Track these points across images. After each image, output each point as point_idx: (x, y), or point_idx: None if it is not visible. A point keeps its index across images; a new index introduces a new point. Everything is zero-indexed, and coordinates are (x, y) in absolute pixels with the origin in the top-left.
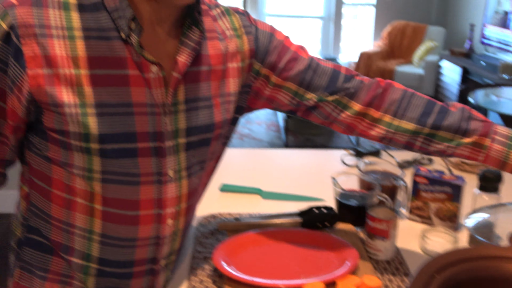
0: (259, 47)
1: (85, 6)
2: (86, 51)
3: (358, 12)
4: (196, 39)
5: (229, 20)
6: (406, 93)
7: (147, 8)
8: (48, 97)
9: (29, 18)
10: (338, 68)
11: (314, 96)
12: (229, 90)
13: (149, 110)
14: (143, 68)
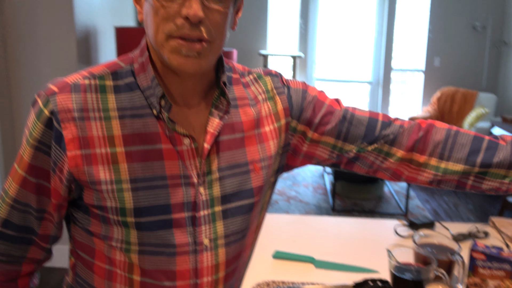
0: (293, 105)
1: (120, 87)
2: (121, 130)
3: (406, 77)
4: (224, 108)
5: (261, 84)
6: (450, 132)
7: (175, 83)
8: (87, 176)
9: (68, 104)
10: (375, 116)
11: (353, 147)
12: (268, 153)
13: (183, 181)
14: (176, 141)
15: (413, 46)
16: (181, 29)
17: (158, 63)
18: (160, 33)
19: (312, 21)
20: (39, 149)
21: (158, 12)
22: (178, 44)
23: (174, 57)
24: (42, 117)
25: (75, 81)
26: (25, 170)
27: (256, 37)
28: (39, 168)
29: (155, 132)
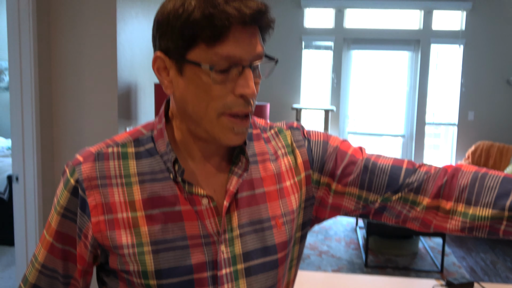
0: (314, 158)
1: (141, 153)
2: (141, 195)
3: (439, 131)
4: (243, 166)
5: (281, 139)
6: (477, 175)
7: (199, 147)
8: (110, 241)
9: (92, 172)
10: (399, 163)
11: (378, 197)
12: (289, 208)
13: (204, 241)
14: (194, 202)
15: (446, 100)
16: (235, 106)
17: (183, 130)
18: (210, 111)
19: (344, 75)
20: (65, 216)
21: (208, 91)
22: (230, 122)
23: (225, 135)
24: (69, 186)
25: (99, 150)
26: (53, 236)
27: (289, 91)
28: (66, 234)
29: (173, 195)
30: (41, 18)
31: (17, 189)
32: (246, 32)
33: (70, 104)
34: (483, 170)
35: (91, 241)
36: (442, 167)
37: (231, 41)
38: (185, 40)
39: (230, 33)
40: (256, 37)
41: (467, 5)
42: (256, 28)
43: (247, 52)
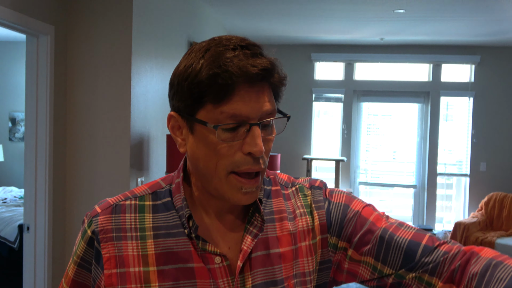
0: (332, 221)
1: (158, 207)
2: (154, 249)
3: (452, 182)
4: (258, 225)
5: (301, 198)
6: (491, 262)
7: (212, 204)
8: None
9: (108, 225)
10: (419, 238)
11: (392, 271)
12: (301, 270)
13: None
14: (207, 259)
15: (457, 150)
16: (243, 164)
17: (199, 186)
18: (220, 170)
19: (355, 126)
20: (81, 266)
21: (216, 149)
22: (239, 182)
23: (234, 194)
24: (85, 237)
25: (117, 201)
26: (69, 285)
27: (300, 142)
28: (81, 283)
29: (187, 251)
30: (58, 71)
31: (28, 239)
32: (252, 91)
33: (83, 155)
34: (500, 257)
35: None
36: (460, 249)
37: (237, 99)
38: (193, 99)
39: (235, 92)
40: (265, 94)
41: (476, 59)
42: (265, 85)
43: (254, 109)
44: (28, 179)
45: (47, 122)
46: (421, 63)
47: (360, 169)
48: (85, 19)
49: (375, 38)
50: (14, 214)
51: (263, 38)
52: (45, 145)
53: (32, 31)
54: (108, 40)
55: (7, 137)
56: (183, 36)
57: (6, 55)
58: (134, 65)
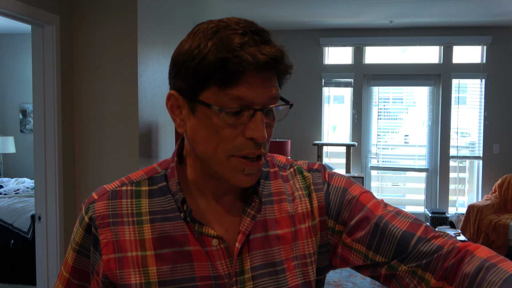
0: (330, 204)
1: (154, 192)
2: (151, 233)
3: (464, 165)
4: (256, 207)
5: (300, 179)
6: (484, 264)
7: (209, 185)
8: (118, 280)
9: (105, 210)
10: (414, 229)
11: (385, 261)
12: (301, 252)
13: (213, 282)
14: (204, 242)
15: (470, 133)
16: (245, 148)
17: (197, 169)
18: (220, 152)
19: (365, 111)
20: (80, 253)
21: (218, 132)
22: (241, 164)
23: (235, 176)
24: (83, 223)
25: (113, 188)
26: (69, 272)
27: (310, 127)
28: (81, 270)
29: (183, 234)
30: (64, 61)
31: (40, 229)
32: (260, 77)
33: (92, 145)
34: (495, 259)
35: (102, 278)
36: (456, 246)
37: (243, 85)
38: (198, 81)
39: (243, 78)
40: (271, 81)
41: (487, 39)
42: (272, 72)
43: (259, 95)
44: (38, 170)
45: (55, 112)
46: (432, 45)
47: (371, 154)
48: (90, 8)
49: (384, 21)
50: (27, 205)
51: (271, 24)
52: (54, 136)
53: (37, 21)
54: (113, 28)
55: (18, 129)
56: (189, 23)
57: (15, 48)
58: (140, 54)
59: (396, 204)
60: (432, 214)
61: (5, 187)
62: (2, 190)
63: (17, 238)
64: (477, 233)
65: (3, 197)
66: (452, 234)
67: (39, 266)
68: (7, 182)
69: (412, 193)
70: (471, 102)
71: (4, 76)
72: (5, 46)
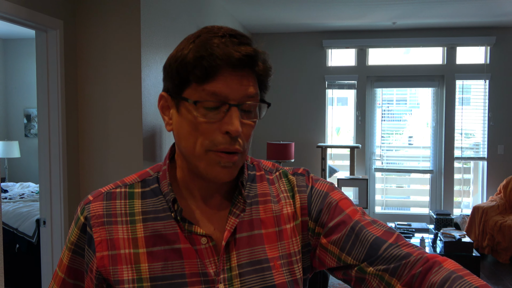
0: (311, 206)
1: (146, 193)
2: (143, 232)
3: (469, 166)
4: (241, 206)
5: (284, 182)
6: (451, 276)
7: (198, 185)
8: (112, 276)
9: (100, 211)
10: (386, 237)
11: (355, 263)
12: (288, 251)
13: (202, 279)
14: (194, 241)
15: (474, 134)
16: (221, 144)
17: (184, 168)
18: (198, 147)
19: (369, 112)
20: (75, 252)
21: (197, 127)
22: (217, 157)
23: (212, 169)
24: (79, 223)
25: (108, 189)
26: (64, 272)
27: (314, 130)
28: (76, 269)
29: (174, 233)
30: (68, 66)
31: (44, 233)
32: (236, 74)
33: (96, 149)
34: (462, 272)
35: (96, 275)
36: (424, 255)
37: (219, 81)
38: (180, 79)
39: (219, 74)
40: (248, 79)
41: (491, 40)
42: (249, 72)
43: (235, 92)
44: (42, 174)
45: (59, 117)
46: (435, 46)
47: (375, 156)
48: (93, 13)
49: (387, 22)
50: (32, 209)
51: (274, 26)
52: (58, 140)
53: (41, 26)
54: (116, 32)
55: (23, 134)
56: (192, 26)
57: (19, 52)
58: (144, 57)
59: (401, 206)
60: (437, 215)
61: (10, 192)
62: (7, 195)
63: (22, 243)
64: (482, 234)
65: (8, 201)
66: (458, 236)
67: (44, 270)
68: (12, 186)
69: (416, 195)
70: (475, 103)
71: (8, 80)
72: (10, 51)
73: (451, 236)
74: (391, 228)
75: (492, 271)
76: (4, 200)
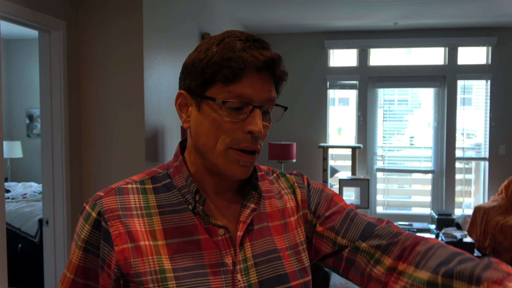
0: (310, 199)
1: (158, 188)
2: (161, 225)
3: (470, 166)
4: (255, 201)
5: (283, 181)
6: (435, 245)
7: (210, 181)
8: (133, 269)
9: (113, 204)
10: (380, 222)
11: (349, 243)
12: (294, 241)
13: (222, 269)
14: (212, 232)
15: (476, 135)
16: (243, 142)
17: (198, 164)
18: (220, 144)
19: (370, 112)
20: (87, 250)
21: (220, 126)
22: (238, 156)
23: (231, 167)
24: (90, 220)
25: (119, 185)
26: (74, 272)
27: (315, 130)
28: (88, 269)
29: (192, 225)
30: (70, 66)
31: (47, 233)
32: (259, 78)
33: (99, 149)
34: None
35: (115, 269)
36: (413, 235)
37: (245, 82)
38: (205, 78)
39: (245, 76)
40: (270, 84)
41: (492, 40)
42: (269, 75)
43: (258, 94)
44: (45, 174)
45: (62, 117)
46: (436, 46)
47: (377, 156)
48: (96, 13)
49: (389, 22)
50: (34, 209)
51: (275, 27)
52: (61, 140)
53: (44, 26)
54: (119, 33)
55: (25, 134)
56: (194, 27)
57: (21, 53)
58: (146, 58)
59: (402, 206)
60: (438, 215)
61: (13, 192)
62: (10, 195)
63: (25, 242)
64: (483, 234)
65: (10, 201)
66: (459, 236)
67: (47, 270)
68: (15, 186)
69: (418, 195)
70: (476, 103)
71: (11, 81)
72: (12, 52)
73: (453, 236)
74: (381, 219)
75: None
76: (6, 200)
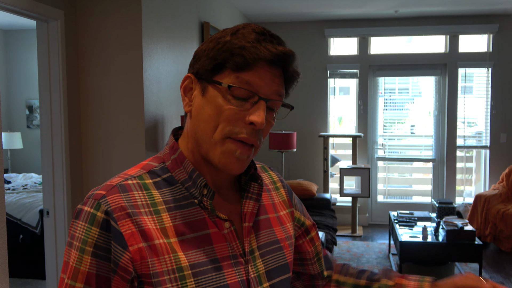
0: (292, 198)
1: (159, 183)
2: (171, 221)
3: (471, 155)
4: (256, 191)
5: (268, 176)
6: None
7: (209, 174)
8: (150, 269)
9: (121, 202)
10: None
11: (312, 224)
12: (289, 233)
13: (233, 261)
14: (219, 225)
15: (476, 123)
16: (242, 133)
17: (196, 155)
18: (218, 132)
19: (371, 101)
20: (96, 255)
21: (222, 112)
22: (235, 146)
23: (225, 158)
24: (96, 221)
25: (119, 182)
26: (84, 281)
27: (316, 119)
28: (99, 276)
29: (201, 219)
30: (69, 56)
31: (48, 223)
32: (270, 71)
33: (98, 139)
34: None
35: (131, 271)
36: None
37: (254, 72)
38: (215, 64)
39: (256, 66)
40: (279, 79)
41: (493, 28)
42: (280, 72)
43: (266, 86)
44: (45, 165)
45: (61, 107)
46: (437, 34)
47: (377, 145)
48: (94, 3)
49: (389, 10)
50: (35, 200)
51: (275, 16)
52: (61, 131)
53: (42, 16)
54: (118, 23)
55: (25, 125)
56: (194, 17)
57: (20, 44)
58: (145, 48)
59: (403, 195)
60: (439, 204)
61: (13, 183)
62: (10, 186)
63: (26, 233)
64: (484, 222)
65: (11, 192)
66: (460, 224)
67: (48, 261)
68: (15, 177)
69: (419, 184)
70: (477, 91)
71: (10, 72)
72: (11, 42)
73: (454, 224)
74: None
75: (495, 259)
76: (7, 191)
